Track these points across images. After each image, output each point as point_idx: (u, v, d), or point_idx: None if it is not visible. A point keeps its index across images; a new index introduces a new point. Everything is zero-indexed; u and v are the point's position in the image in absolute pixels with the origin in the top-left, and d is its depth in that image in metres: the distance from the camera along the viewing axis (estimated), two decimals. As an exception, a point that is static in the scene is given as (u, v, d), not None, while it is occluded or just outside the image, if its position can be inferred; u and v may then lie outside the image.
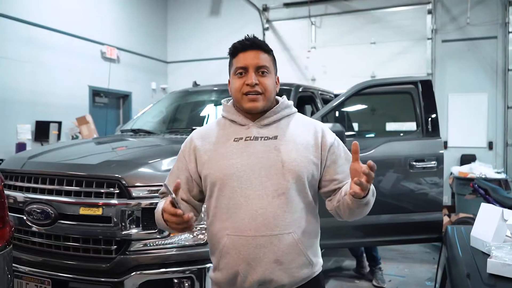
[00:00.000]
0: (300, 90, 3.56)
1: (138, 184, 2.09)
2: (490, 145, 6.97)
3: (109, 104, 7.99)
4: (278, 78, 1.52)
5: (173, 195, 1.22)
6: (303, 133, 1.44)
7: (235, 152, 1.39)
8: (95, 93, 7.46)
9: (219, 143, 1.44)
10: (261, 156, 1.37)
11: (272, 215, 1.34)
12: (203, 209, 1.59)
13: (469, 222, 4.35)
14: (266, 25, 8.45)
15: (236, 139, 1.42)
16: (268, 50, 1.46)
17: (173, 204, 1.25)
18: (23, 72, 6.00)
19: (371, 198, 1.36)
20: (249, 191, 1.35)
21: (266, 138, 1.40)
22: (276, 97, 1.51)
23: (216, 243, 1.41)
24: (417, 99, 3.43)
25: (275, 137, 1.41)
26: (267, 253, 1.34)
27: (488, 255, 1.57)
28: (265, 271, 1.34)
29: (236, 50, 1.46)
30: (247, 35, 1.50)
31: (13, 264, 2.23)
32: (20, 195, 2.34)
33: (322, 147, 1.43)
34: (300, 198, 1.39)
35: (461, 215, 4.96)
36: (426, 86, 3.30)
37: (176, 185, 1.26)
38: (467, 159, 6.76)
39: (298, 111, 1.55)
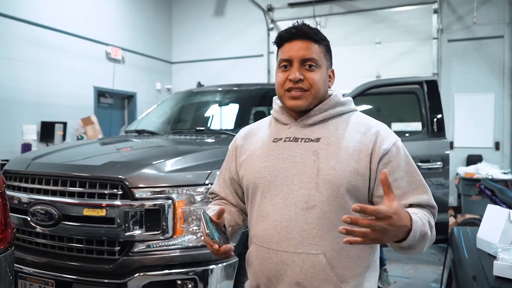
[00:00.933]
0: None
1: (141, 185, 2.09)
2: (497, 146, 6.92)
3: (114, 105, 8.02)
4: (333, 72, 1.31)
5: (207, 231, 1.12)
6: (352, 136, 1.21)
7: (271, 154, 1.26)
8: (100, 93, 7.49)
9: (259, 143, 1.32)
10: (297, 161, 1.21)
11: (297, 229, 1.17)
12: None
13: (476, 223, 4.31)
14: (271, 26, 8.44)
15: (275, 140, 1.28)
16: (318, 40, 1.23)
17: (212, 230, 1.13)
18: (30, 73, 6.04)
19: (419, 240, 1.07)
20: (277, 199, 1.21)
21: (307, 140, 1.23)
22: (331, 92, 1.32)
23: (248, 249, 1.32)
24: (422, 99, 3.41)
25: (317, 140, 1.22)
26: (288, 272, 1.18)
27: (495, 257, 1.56)
28: None
29: (281, 39, 1.26)
30: (297, 21, 1.27)
31: (18, 265, 2.25)
32: (24, 196, 2.34)
33: (372, 154, 1.18)
34: (339, 215, 1.13)
35: (467, 216, 4.92)
36: (432, 86, 3.28)
37: (216, 214, 1.18)
38: (473, 159, 6.71)
39: None
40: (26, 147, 5.71)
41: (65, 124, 6.34)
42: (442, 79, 7.18)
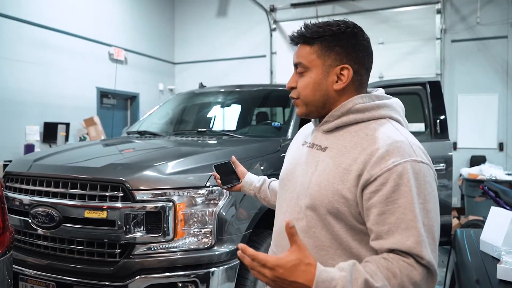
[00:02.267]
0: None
1: (142, 187, 2.08)
2: (501, 146, 6.88)
3: (117, 105, 8.03)
4: (343, 68, 1.11)
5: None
6: (352, 151, 1.05)
7: (294, 158, 1.25)
8: (103, 94, 7.51)
9: (295, 143, 1.33)
10: (302, 168, 1.17)
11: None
12: None
13: (479, 224, 4.29)
14: (274, 26, 8.43)
15: (304, 143, 1.25)
16: (308, 40, 1.12)
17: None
18: (34, 74, 6.06)
19: None
20: (283, 204, 1.21)
21: (318, 148, 1.15)
22: (362, 95, 1.14)
23: None
24: (425, 100, 3.39)
25: (325, 149, 1.12)
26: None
27: (498, 260, 1.55)
28: None
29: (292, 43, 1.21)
30: (309, 21, 1.17)
31: (19, 267, 2.25)
32: (25, 198, 2.34)
33: (360, 177, 1.00)
34: (325, 234, 1.06)
35: (471, 217, 4.89)
36: (435, 87, 3.27)
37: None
38: (477, 160, 6.68)
39: None
40: (29, 148, 5.72)
41: (67, 125, 6.35)
42: (446, 80, 7.15)
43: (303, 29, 1.15)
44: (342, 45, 1.11)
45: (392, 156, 0.98)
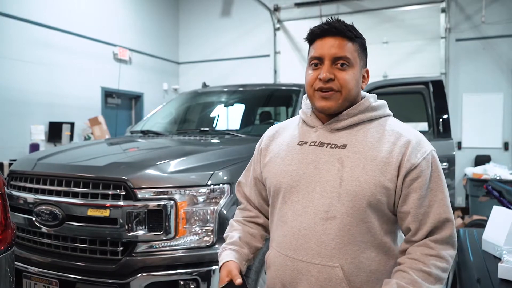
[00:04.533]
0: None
1: (144, 186, 2.09)
2: (506, 146, 6.83)
3: (121, 105, 8.06)
4: (367, 72, 1.23)
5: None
6: (381, 145, 1.13)
7: (295, 158, 1.21)
8: (108, 94, 7.54)
9: (284, 144, 1.27)
10: (320, 167, 1.15)
11: (315, 240, 1.12)
12: None
13: (483, 224, 4.27)
14: (277, 25, 8.43)
15: (300, 143, 1.22)
16: (352, 37, 1.16)
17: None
18: (39, 74, 6.11)
19: None
20: (298, 206, 1.16)
21: (333, 146, 1.16)
22: (364, 93, 1.25)
23: (268, 252, 1.30)
24: (428, 100, 3.38)
25: (344, 146, 1.15)
26: (304, 282, 1.14)
27: (500, 259, 1.54)
28: None
29: (313, 35, 1.19)
30: (331, 17, 1.19)
31: (23, 265, 2.27)
32: (29, 196, 2.36)
33: (400, 167, 1.10)
34: (361, 228, 1.11)
35: (475, 217, 4.87)
36: (438, 86, 3.25)
37: (231, 276, 1.19)
38: (481, 160, 6.65)
39: None
40: (34, 147, 5.76)
41: (72, 124, 6.39)
42: (450, 79, 7.12)
43: (338, 23, 1.16)
44: (366, 49, 1.23)
45: (423, 146, 1.13)
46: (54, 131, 6.21)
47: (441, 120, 3.17)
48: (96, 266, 2.12)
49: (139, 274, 2.05)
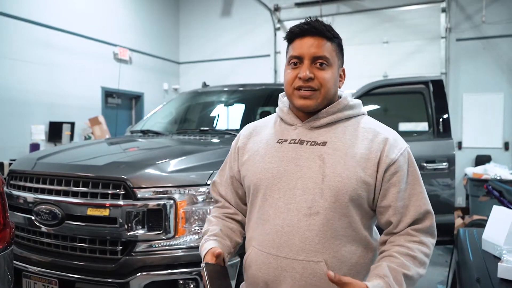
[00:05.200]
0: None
1: (143, 185, 2.09)
2: (506, 146, 6.83)
3: (122, 105, 8.07)
4: (344, 71, 1.27)
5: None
6: (360, 142, 1.17)
7: (274, 156, 1.21)
8: (108, 94, 7.54)
9: (263, 142, 1.28)
10: (301, 164, 1.17)
11: (299, 236, 1.13)
12: None
13: (483, 224, 4.26)
14: (278, 25, 8.44)
15: (280, 141, 1.23)
16: (331, 37, 1.19)
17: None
18: (39, 74, 6.11)
19: None
20: (279, 203, 1.17)
21: (313, 143, 1.18)
22: (341, 93, 1.28)
23: (246, 252, 1.28)
24: (428, 99, 3.37)
25: (324, 144, 1.18)
26: (288, 279, 1.15)
27: (499, 259, 1.54)
28: None
29: (292, 35, 1.21)
30: (309, 17, 1.22)
31: (23, 264, 2.27)
32: (29, 196, 2.36)
33: (380, 163, 1.14)
34: (343, 223, 1.14)
35: (475, 217, 4.86)
36: (438, 86, 3.25)
37: (214, 256, 1.17)
38: (482, 160, 6.64)
39: None
40: (35, 147, 5.76)
41: (73, 124, 6.39)
42: (451, 79, 7.11)
43: (317, 23, 1.19)
44: (343, 49, 1.25)
45: (399, 143, 1.19)
46: (55, 131, 6.21)
47: (441, 120, 3.16)
48: (95, 266, 2.12)
49: (139, 274, 2.05)
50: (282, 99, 1.33)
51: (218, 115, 3.84)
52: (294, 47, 1.20)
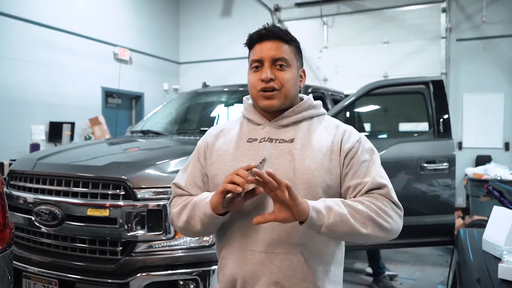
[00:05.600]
0: (309, 90, 3.52)
1: (143, 185, 2.09)
2: (507, 146, 6.82)
3: (122, 105, 8.06)
4: (304, 72, 1.35)
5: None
6: (324, 137, 1.27)
7: (246, 154, 1.25)
8: (108, 94, 7.54)
9: (232, 142, 1.31)
10: (273, 161, 1.22)
11: (277, 230, 1.18)
12: None
13: (483, 224, 4.25)
14: (278, 25, 8.42)
15: (250, 140, 1.28)
16: (287, 40, 1.27)
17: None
18: (40, 74, 6.10)
19: (340, 223, 1.11)
20: (258, 200, 1.20)
21: (281, 141, 1.25)
22: (302, 95, 1.35)
23: (218, 251, 1.32)
24: (429, 100, 3.37)
25: (291, 140, 1.25)
26: (266, 273, 1.20)
27: (500, 260, 1.53)
28: None
29: (252, 40, 1.28)
30: (267, 23, 1.31)
31: (23, 265, 2.27)
32: (29, 196, 2.36)
33: (341, 152, 1.24)
34: None
35: (475, 217, 4.86)
36: (438, 86, 3.24)
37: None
38: (482, 160, 6.63)
39: None
40: (35, 147, 5.76)
41: (73, 124, 6.39)
42: (451, 79, 7.11)
43: (275, 28, 1.28)
44: (301, 52, 1.34)
45: (354, 133, 1.29)
46: (55, 131, 6.21)
47: (441, 120, 3.16)
48: (95, 266, 2.12)
49: (139, 274, 2.05)
50: (247, 102, 1.39)
51: (218, 115, 3.84)
52: (255, 52, 1.26)
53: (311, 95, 1.36)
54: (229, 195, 1.10)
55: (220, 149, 1.32)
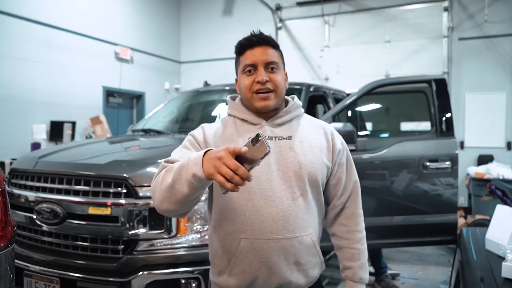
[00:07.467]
0: (311, 89, 3.51)
1: (145, 184, 2.09)
2: (509, 146, 6.81)
3: (123, 104, 8.06)
4: (286, 74, 1.47)
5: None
6: (316, 135, 1.41)
7: None
8: (109, 93, 7.54)
9: (232, 142, 1.34)
10: (277, 157, 1.32)
11: (293, 217, 1.31)
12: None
13: (486, 224, 4.24)
14: (279, 25, 8.42)
15: (250, 138, 1.29)
16: (275, 45, 1.41)
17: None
18: (41, 73, 6.10)
19: None
20: (268, 193, 1.29)
21: (280, 138, 1.35)
22: (286, 97, 1.45)
23: (227, 247, 1.33)
24: (431, 99, 3.36)
25: (290, 137, 1.36)
26: (289, 256, 1.32)
27: (503, 259, 1.53)
28: (285, 273, 1.32)
29: (243, 47, 1.40)
30: (253, 31, 1.43)
31: (24, 263, 2.27)
32: (30, 194, 2.36)
33: (333, 150, 1.41)
34: (315, 201, 1.38)
35: (478, 217, 4.84)
36: (441, 85, 3.23)
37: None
38: (484, 159, 6.62)
39: (310, 111, 1.45)
40: (36, 146, 5.76)
41: (74, 123, 6.39)
42: (453, 78, 7.09)
43: (263, 35, 1.39)
44: (283, 56, 1.46)
45: (337, 134, 1.47)
46: (56, 130, 6.21)
47: (444, 119, 3.14)
48: (97, 265, 2.11)
49: (140, 273, 2.05)
50: (234, 102, 1.45)
51: (220, 114, 3.84)
52: (247, 57, 1.37)
53: (295, 96, 1.49)
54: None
55: (223, 146, 1.26)
